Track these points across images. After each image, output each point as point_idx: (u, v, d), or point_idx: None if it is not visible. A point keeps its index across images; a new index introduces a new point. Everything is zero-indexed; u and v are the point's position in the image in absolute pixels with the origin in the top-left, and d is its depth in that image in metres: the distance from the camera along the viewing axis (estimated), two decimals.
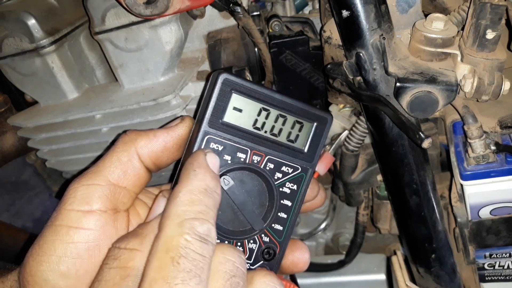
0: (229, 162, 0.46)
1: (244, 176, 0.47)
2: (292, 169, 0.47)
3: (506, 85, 0.64)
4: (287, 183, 0.47)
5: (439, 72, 0.63)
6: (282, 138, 0.47)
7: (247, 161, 0.46)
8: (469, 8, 0.64)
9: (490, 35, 0.62)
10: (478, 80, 0.63)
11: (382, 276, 0.95)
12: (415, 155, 0.71)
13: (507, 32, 0.68)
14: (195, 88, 0.87)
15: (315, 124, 0.47)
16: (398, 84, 0.62)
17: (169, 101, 0.82)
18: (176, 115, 0.84)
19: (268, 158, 0.47)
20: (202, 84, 0.86)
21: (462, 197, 0.73)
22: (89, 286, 0.42)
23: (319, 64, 0.87)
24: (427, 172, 0.73)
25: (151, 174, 0.48)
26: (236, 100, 0.46)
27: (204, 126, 0.45)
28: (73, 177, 0.53)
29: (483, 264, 0.83)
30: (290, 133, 0.47)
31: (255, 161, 0.46)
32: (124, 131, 0.47)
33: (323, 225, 1.07)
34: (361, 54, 0.65)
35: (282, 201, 0.47)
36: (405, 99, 0.62)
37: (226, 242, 0.46)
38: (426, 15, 0.65)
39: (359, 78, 0.67)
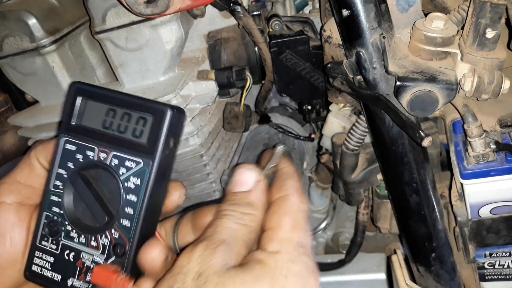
0: (81, 160, 0.49)
1: (97, 173, 0.49)
2: (135, 164, 0.48)
3: (506, 84, 0.64)
4: (131, 177, 0.48)
5: (439, 71, 0.63)
6: (128, 135, 0.48)
7: (95, 159, 0.49)
8: (469, 7, 0.64)
9: (490, 34, 0.62)
10: (478, 79, 0.63)
11: (382, 275, 0.95)
12: (415, 154, 0.71)
13: (506, 31, 0.69)
14: (195, 88, 0.87)
15: (153, 117, 0.48)
16: (398, 83, 0.62)
17: (170, 101, 0.82)
18: None
19: (113, 154, 0.48)
20: (202, 83, 0.86)
21: (462, 196, 0.74)
22: None
23: (319, 63, 0.87)
24: (427, 171, 0.73)
25: None
26: (85, 104, 0.50)
27: (61, 129, 0.50)
28: None
29: (483, 263, 0.83)
30: (135, 129, 0.48)
31: (102, 158, 0.49)
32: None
33: (323, 225, 1.07)
34: (361, 53, 0.65)
35: (127, 196, 0.48)
36: (405, 98, 0.62)
37: (83, 236, 0.49)
38: (426, 15, 0.65)
39: (359, 77, 0.67)
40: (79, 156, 0.50)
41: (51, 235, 0.50)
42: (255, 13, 0.87)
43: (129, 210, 0.48)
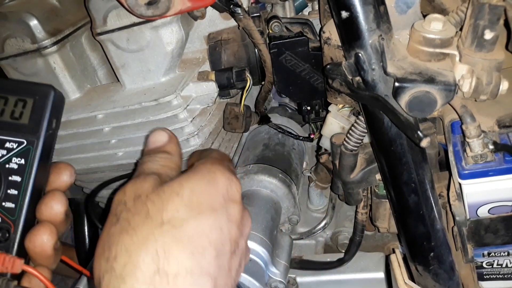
0: None
1: None
2: (16, 144, 0.47)
3: (504, 85, 0.64)
4: (13, 158, 0.47)
5: (438, 72, 0.63)
6: (6, 117, 0.48)
7: None
8: (467, 8, 0.64)
9: (488, 35, 0.62)
10: (476, 80, 0.63)
11: (381, 274, 0.95)
12: (413, 154, 0.71)
13: (505, 33, 0.69)
14: (196, 88, 0.87)
15: (36, 98, 0.47)
16: (396, 84, 0.62)
17: (170, 101, 0.83)
18: (177, 115, 0.85)
19: None
20: (203, 84, 0.87)
21: (460, 196, 0.74)
22: None
23: (318, 64, 0.88)
24: (426, 171, 0.73)
25: None
26: None
27: None
28: None
29: (482, 262, 0.84)
30: (13, 111, 0.48)
31: None
32: None
33: (322, 224, 1.07)
34: (360, 55, 0.65)
35: (10, 178, 0.47)
36: (404, 99, 0.63)
37: None
38: (424, 16, 0.66)
39: (358, 78, 0.68)
40: None
41: None
42: (255, 14, 0.88)
43: (12, 192, 0.46)
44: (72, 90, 0.91)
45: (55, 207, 0.48)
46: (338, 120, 0.92)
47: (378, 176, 0.84)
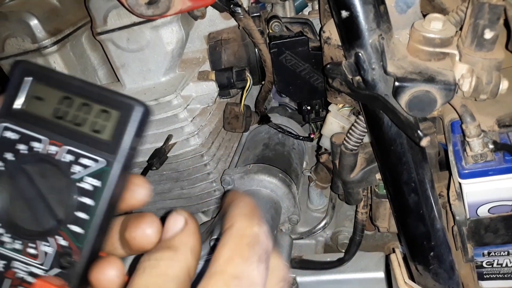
0: (24, 152, 0.42)
1: (43, 168, 0.42)
2: (94, 162, 0.41)
3: (504, 84, 0.64)
4: (88, 177, 0.41)
5: (438, 71, 0.63)
6: (86, 129, 0.41)
7: (43, 152, 0.41)
8: (467, 8, 0.64)
9: (488, 34, 0.62)
10: (476, 80, 0.64)
11: (381, 274, 0.95)
12: (413, 153, 0.71)
13: (505, 32, 0.69)
14: (196, 88, 0.87)
15: (122, 111, 0.41)
16: (396, 83, 0.63)
17: (171, 101, 0.83)
18: (177, 115, 0.85)
19: (66, 148, 0.41)
20: (203, 84, 0.87)
21: (460, 195, 0.74)
22: None
23: (318, 64, 0.88)
24: (426, 171, 0.74)
25: None
26: (35, 88, 0.42)
27: (0, 113, 0.42)
28: None
29: (482, 262, 0.84)
30: (95, 123, 0.41)
31: (51, 152, 0.41)
32: None
33: (322, 224, 1.07)
34: (360, 54, 0.65)
35: (81, 199, 0.41)
36: (404, 98, 0.63)
37: (17, 241, 0.41)
38: (424, 16, 0.66)
39: (358, 77, 0.68)
40: (22, 147, 0.42)
41: None
42: (255, 14, 0.88)
43: (82, 215, 0.41)
44: None
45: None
46: (338, 119, 0.92)
47: (378, 176, 0.84)
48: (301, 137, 1.11)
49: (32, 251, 0.41)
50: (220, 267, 0.36)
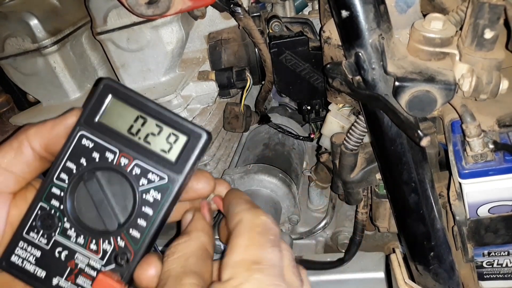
0: (97, 160, 0.47)
1: (112, 176, 0.47)
2: (158, 178, 0.47)
3: (504, 84, 0.64)
4: (152, 190, 0.47)
5: (438, 71, 0.63)
6: (155, 147, 0.47)
7: (114, 163, 0.47)
8: (467, 8, 0.64)
9: (488, 34, 0.62)
10: (476, 79, 0.64)
11: (381, 274, 0.95)
12: (413, 153, 0.71)
13: (505, 32, 0.69)
14: (196, 88, 0.87)
15: (188, 138, 0.47)
16: (396, 83, 0.63)
17: (171, 101, 0.83)
18: None
19: (136, 163, 0.47)
20: (203, 84, 0.87)
21: (460, 195, 0.74)
22: None
23: (318, 64, 0.88)
24: (426, 170, 0.74)
25: (48, 162, 0.50)
26: (114, 104, 0.48)
27: (80, 122, 0.48)
28: None
29: (482, 262, 0.84)
30: (164, 143, 0.47)
31: (122, 164, 0.47)
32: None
33: (322, 224, 1.07)
34: (360, 54, 0.65)
35: (143, 208, 0.47)
36: (404, 98, 0.63)
37: (82, 236, 0.47)
38: (424, 15, 0.66)
39: (358, 77, 0.68)
40: (96, 155, 0.47)
41: (43, 228, 0.48)
42: (255, 14, 0.88)
43: (141, 222, 0.47)
44: (72, 89, 0.91)
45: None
46: (338, 119, 0.92)
47: (378, 176, 0.84)
48: (301, 137, 1.11)
49: (93, 246, 0.47)
50: (239, 256, 0.41)
